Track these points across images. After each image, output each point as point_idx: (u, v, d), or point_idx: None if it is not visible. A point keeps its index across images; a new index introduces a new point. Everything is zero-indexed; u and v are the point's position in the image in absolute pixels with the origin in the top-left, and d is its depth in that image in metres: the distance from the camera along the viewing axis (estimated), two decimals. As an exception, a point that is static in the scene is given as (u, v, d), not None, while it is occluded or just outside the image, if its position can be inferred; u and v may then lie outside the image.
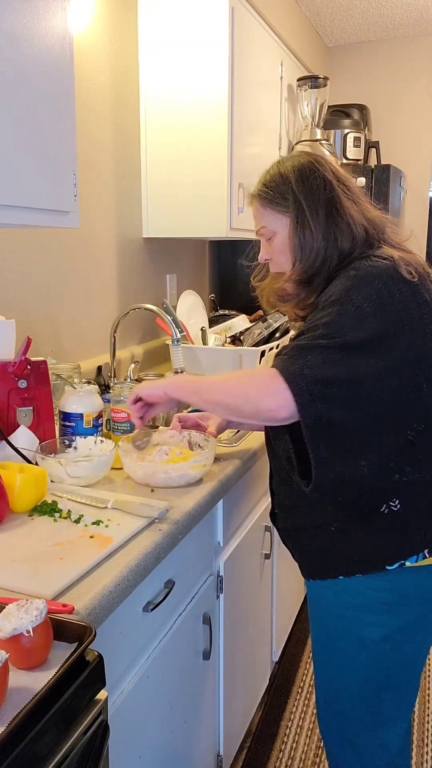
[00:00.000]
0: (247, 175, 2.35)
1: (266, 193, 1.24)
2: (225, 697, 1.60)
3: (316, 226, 1.19)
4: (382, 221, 1.25)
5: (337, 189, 1.22)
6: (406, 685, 1.27)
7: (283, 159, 1.28)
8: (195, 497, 1.30)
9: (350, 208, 1.21)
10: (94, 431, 1.51)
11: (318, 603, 1.30)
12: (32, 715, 0.70)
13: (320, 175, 1.21)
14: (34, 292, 1.82)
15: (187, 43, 2.19)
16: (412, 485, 1.16)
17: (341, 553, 1.21)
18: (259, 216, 1.27)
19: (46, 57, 1.22)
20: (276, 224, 1.24)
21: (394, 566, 1.18)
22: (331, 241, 1.19)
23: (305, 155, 1.27)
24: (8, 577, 0.97)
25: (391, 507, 1.16)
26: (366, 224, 1.21)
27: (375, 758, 1.30)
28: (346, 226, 1.19)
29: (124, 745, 1.09)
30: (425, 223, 3.75)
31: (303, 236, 1.20)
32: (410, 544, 1.18)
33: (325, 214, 1.19)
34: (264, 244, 1.29)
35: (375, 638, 1.21)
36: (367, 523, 1.18)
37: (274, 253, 1.27)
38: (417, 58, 3.63)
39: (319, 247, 1.19)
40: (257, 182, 1.28)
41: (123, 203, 2.24)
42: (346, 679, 1.26)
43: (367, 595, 1.20)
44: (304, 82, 2.96)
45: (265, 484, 1.80)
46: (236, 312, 2.79)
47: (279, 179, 1.23)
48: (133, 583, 1.03)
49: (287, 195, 1.21)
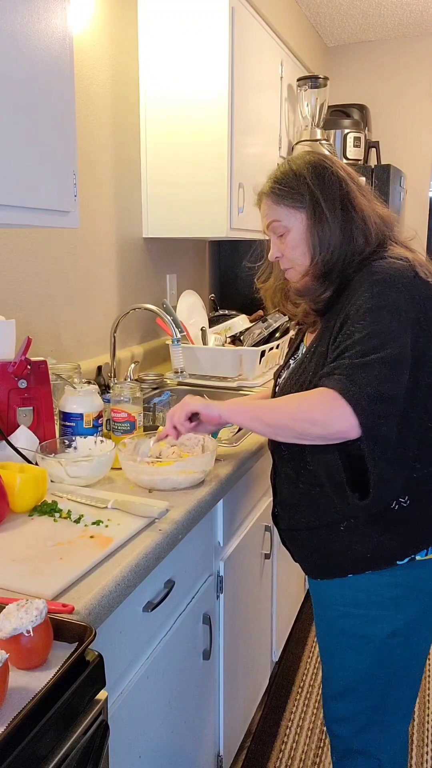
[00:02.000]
0: (247, 175, 2.35)
1: (280, 190, 1.24)
2: (225, 697, 1.60)
3: (334, 220, 1.20)
4: (392, 219, 1.27)
5: (351, 185, 1.23)
6: (411, 681, 1.28)
7: (293, 157, 1.28)
8: (195, 497, 1.30)
9: (363, 204, 1.22)
10: (94, 431, 1.50)
11: (323, 601, 1.30)
12: (32, 715, 0.69)
13: (334, 172, 1.22)
14: (34, 292, 1.82)
15: (187, 42, 2.19)
16: (420, 481, 1.17)
17: (351, 552, 1.21)
18: (271, 213, 1.27)
19: (46, 57, 1.22)
20: (290, 220, 1.24)
21: (405, 561, 1.19)
22: (348, 234, 1.20)
23: (314, 154, 1.28)
24: (8, 577, 0.97)
25: (401, 503, 1.17)
26: (378, 220, 1.23)
27: (380, 754, 1.30)
28: (361, 221, 1.20)
29: (124, 745, 1.09)
30: (425, 223, 3.75)
31: (321, 230, 1.20)
32: (420, 539, 1.20)
33: (341, 208, 1.20)
34: (275, 242, 1.29)
35: (382, 634, 1.22)
36: (376, 521, 1.18)
37: (286, 250, 1.26)
38: (417, 58, 3.63)
39: (337, 241, 1.20)
40: (267, 180, 1.28)
41: (123, 203, 2.24)
42: (353, 675, 1.27)
43: (375, 591, 1.21)
44: (304, 82, 2.96)
45: (266, 484, 1.80)
46: (236, 312, 2.80)
47: (292, 175, 1.23)
48: (133, 583, 1.03)
49: (302, 191, 1.21)
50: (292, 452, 1.26)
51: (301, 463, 1.24)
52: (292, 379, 1.26)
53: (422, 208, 3.76)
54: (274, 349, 2.42)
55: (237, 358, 2.26)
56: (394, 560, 1.19)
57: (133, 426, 1.58)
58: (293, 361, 1.37)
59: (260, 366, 2.30)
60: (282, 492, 1.33)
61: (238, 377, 2.28)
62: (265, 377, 2.32)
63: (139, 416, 1.60)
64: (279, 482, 1.35)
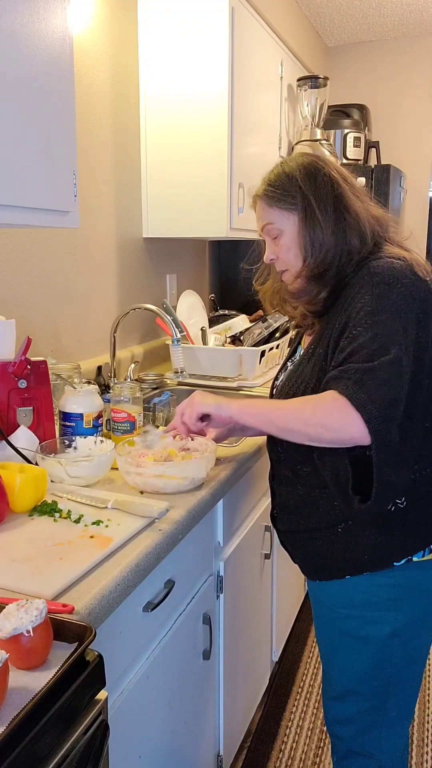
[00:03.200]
0: (247, 175, 2.35)
1: (272, 192, 1.24)
2: (225, 697, 1.60)
3: (326, 221, 1.20)
4: (386, 219, 1.27)
5: (343, 186, 1.23)
6: (411, 681, 1.28)
7: (286, 160, 1.28)
8: (195, 497, 1.30)
9: (356, 205, 1.22)
10: (94, 431, 1.50)
11: (323, 602, 1.30)
12: (32, 715, 0.69)
13: (326, 173, 1.22)
14: (34, 292, 1.82)
15: (187, 42, 2.19)
16: (418, 482, 1.17)
17: (348, 553, 1.21)
18: (264, 215, 1.27)
19: (46, 56, 1.22)
20: (283, 222, 1.24)
21: (402, 562, 1.19)
22: (341, 236, 1.19)
23: (307, 156, 1.28)
24: (8, 577, 0.97)
25: (398, 505, 1.17)
26: (372, 221, 1.23)
27: (380, 755, 1.30)
28: (354, 222, 1.20)
29: (124, 745, 1.09)
30: (425, 223, 3.76)
31: (313, 232, 1.20)
32: (417, 540, 1.20)
33: (333, 210, 1.20)
34: (269, 244, 1.29)
35: (382, 635, 1.22)
36: (374, 522, 1.18)
37: (280, 252, 1.27)
38: (417, 58, 3.63)
39: (330, 243, 1.20)
40: (261, 183, 1.28)
41: (123, 203, 2.24)
42: (353, 676, 1.27)
43: (373, 593, 1.21)
44: (304, 82, 2.96)
45: (266, 484, 1.79)
46: (236, 312, 2.80)
47: (285, 178, 1.23)
48: (133, 583, 1.03)
49: (294, 193, 1.22)
50: (288, 454, 1.26)
51: (298, 465, 1.24)
52: (290, 381, 1.26)
53: (422, 208, 3.76)
54: (274, 349, 2.42)
55: (237, 358, 2.26)
56: (392, 561, 1.19)
57: (133, 426, 1.58)
58: (291, 363, 1.36)
59: (260, 366, 2.30)
60: (280, 494, 1.33)
61: (238, 377, 2.28)
62: (265, 377, 2.32)
63: (139, 416, 1.60)
64: (277, 484, 1.35)
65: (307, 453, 1.19)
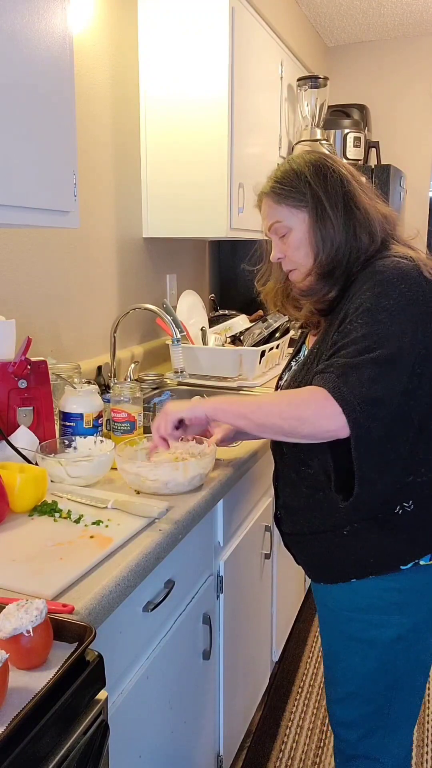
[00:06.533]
0: (247, 175, 2.35)
1: (281, 189, 1.22)
2: (225, 697, 1.60)
3: (337, 218, 1.18)
4: (394, 217, 1.26)
5: (353, 183, 1.22)
6: (415, 685, 1.27)
7: (293, 157, 1.27)
8: (195, 497, 1.30)
9: (366, 202, 1.21)
10: (94, 431, 1.50)
11: (327, 605, 1.29)
12: (32, 715, 0.69)
13: (335, 170, 1.21)
14: (34, 292, 1.82)
15: (187, 43, 2.19)
16: (425, 485, 1.16)
17: (354, 556, 1.20)
18: (271, 213, 1.25)
19: (46, 57, 1.22)
20: (292, 220, 1.22)
21: (408, 566, 1.18)
22: (351, 233, 1.18)
23: (314, 153, 1.26)
24: (8, 577, 0.97)
25: (405, 508, 1.16)
26: (380, 219, 1.22)
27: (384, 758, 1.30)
28: (364, 219, 1.19)
29: (124, 745, 1.09)
30: (425, 222, 3.75)
31: (324, 229, 1.19)
32: (424, 543, 1.19)
33: (344, 206, 1.19)
34: (276, 243, 1.27)
35: (387, 639, 1.21)
36: (380, 525, 1.17)
37: (288, 250, 1.25)
38: (417, 58, 3.63)
39: (340, 240, 1.18)
40: (267, 180, 1.26)
41: (123, 203, 2.24)
42: (357, 680, 1.26)
43: (378, 596, 1.20)
44: (304, 82, 2.96)
45: (266, 484, 1.80)
46: (236, 312, 2.80)
47: (293, 175, 1.22)
48: (133, 583, 1.03)
49: (304, 190, 1.20)
50: (292, 453, 1.25)
51: (302, 466, 1.23)
52: (295, 380, 1.25)
53: (422, 208, 3.76)
54: (274, 349, 2.42)
55: (237, 358, 2.26)
56: (398, 565, 1.18)
57: (133, 426, 1.58)
58: (295, 363, 1.36)
59: (260, 366, 2.30)
60: (284, 495, 1.32)
61: (238, 377, 2.28)
62: (265, 377, 2.32)
63: (139, 416, 1.60)
64: (281, 485, 1.33)
65: (310, 453, 1.19)
